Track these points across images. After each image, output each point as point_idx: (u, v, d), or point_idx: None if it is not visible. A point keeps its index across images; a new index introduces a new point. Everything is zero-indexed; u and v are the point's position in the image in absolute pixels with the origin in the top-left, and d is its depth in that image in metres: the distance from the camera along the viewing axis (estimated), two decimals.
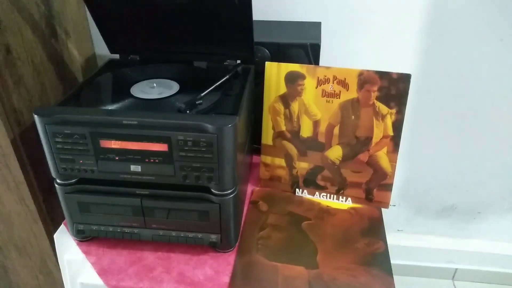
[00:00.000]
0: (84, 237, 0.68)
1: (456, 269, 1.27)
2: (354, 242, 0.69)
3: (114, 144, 0.56)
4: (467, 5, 0.86)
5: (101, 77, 0.71)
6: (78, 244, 0.68)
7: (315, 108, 0.73)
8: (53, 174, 0.61)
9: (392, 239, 1.14)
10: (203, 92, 0.62)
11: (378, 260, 0.66)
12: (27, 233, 0.80)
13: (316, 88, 0.72)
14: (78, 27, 0.89)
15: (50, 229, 0.79)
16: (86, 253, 0.66)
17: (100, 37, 0.74)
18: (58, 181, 0.62)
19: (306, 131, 0.75)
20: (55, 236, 0.69)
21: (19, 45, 0.70)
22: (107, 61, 0.79)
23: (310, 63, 0.78)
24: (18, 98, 0.70)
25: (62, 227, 0.71)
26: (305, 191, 0.80)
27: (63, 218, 0.67)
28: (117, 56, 0.78)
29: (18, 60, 0.70)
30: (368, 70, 0.69)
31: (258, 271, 0.64)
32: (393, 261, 0.66)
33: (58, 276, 0.86)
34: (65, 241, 0.68)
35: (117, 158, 0.57)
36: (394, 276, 0.63)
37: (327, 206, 0.78)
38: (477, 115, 1.00)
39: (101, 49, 0.96)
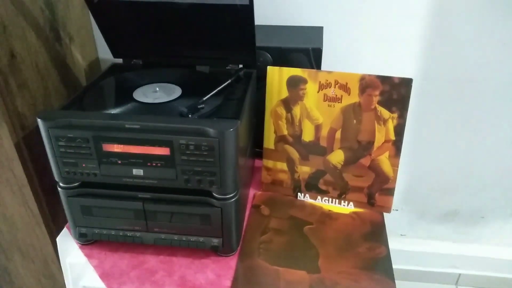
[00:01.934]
0: (86, 241, 0.68)
1: (460, 274, 1.26)
2: (356, 247, 0.69)
3: (117, 148, 0.57)
4: (469, 9, 0.86)
5: (104, 81, 0.72)
6: (80, 248, 0.68)
7: (317, 113, 0.74)
8: (56, 177, 0.61)
9: (395, 243, 1.15)
10: (205, 96, 0.62)
11: (380, 264, 0.66)
12: (30, 236, 0.80)
13: (318, 92, 0.72)
14: (82, 32, 0.90)
15: (53, 232, 0.80)
16: (89, 256, 0.66)
17: (104, 42, 0.74)
18: (61, 184, 0.62)
19: (308, 135, 0.75)
20: (57, 239, 0.70)
21: (24, 49, 0.70)
22: (110, 66, 0.79)
23: (312, 67, 0.78)
24: (22, 102, 0.71)
25: (65, 230, 0.71)
26: (307, 195, 0.80)
27: (66, 222, 0.67)
28: (120, 60, 0.79)
29: (22, 64, 0.70)
30: (369, 75, 0.69)
31: (259, 275, 0.64)
32: (395, 266, 0.66)
33: (60, 279, 0.87)
34: (67, 245, 0.69)
35: (119, 162, 0.58)
36: (397, 281, 0.63)
37: (329, 210, 0.78)
38: (480, 120, 1.00)
39: (105, 54, 0.97)
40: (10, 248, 0.83)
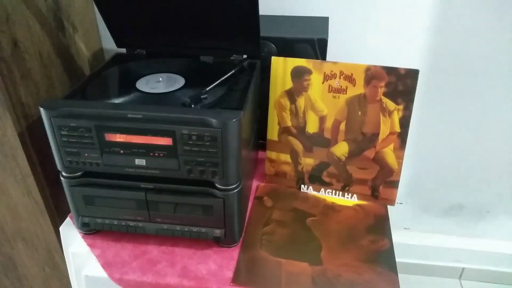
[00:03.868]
0: (89, 230, 0.68)
1: (463, 268, 1.26)
2: (359, 239, 0.69)
3: (119, 138, 0.57)
4: (477, 1, 0.84)
5: (107, 71, 0.71)
6: (83, 237, 0.68)
7: (321, 104, 0.73)
8: (59, 167, 0.61)
9: (399, 237, 1.14)
10: (209, 86, 0.62)
11: (383, 257, 0.65)
12: (34, 226, 0.81)
13: (323, 83, 0.72)
14: (86, 21, 0.90)
15: (57, 221, 0.80)
16: (91, 246, 0.67)
17: (108, 31, 0.74)
18: (63, 174, 0.62)
19: (312, 127, 0.75)
20: (61, 228, 0.70)
21: (27, 39, 0.70)
22: (114, 55, 0.79)
23: (317, 58, 0.77)
24: (26, 92, 0.70)
25: (68, 220, 0.71)
26: (310, 187, 0.79)
27: (69, 211, 0.67)
28: (123, 50, 0.79)
29: (25, 53, 0.70)
30: (375, 66, 0.68)
31: (261, 267, 0.63)
32: (399, 259, 0.65)
33: (64, 269, 0.87)
34: (70, 234, 0.69)
35: (122, 151, 0.58)
36: (400, 274, 0.63)
37: (332, 202, 0.77)
38: (486, 112, 0.99)
39: (108, 43, 0.96)
40: (14, 237, 0.83)
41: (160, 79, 0.67)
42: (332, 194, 0.78)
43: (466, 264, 1.25)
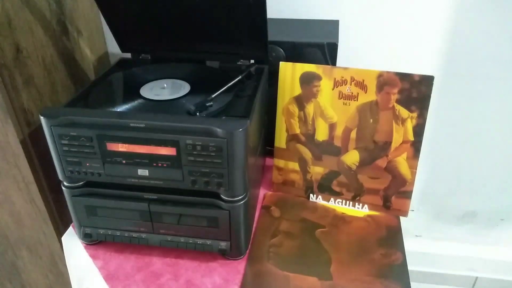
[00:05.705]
0: (91, 241, 0.66)
1: (477, 277, 1.23)
2: (371, 253, 0.66)
3: (121, 147, 0.55)
4: (493, 4, 0.81)
5: (111, 77, 0.70)
6: (85, 247, 0.67)
7: (331, 111, 0.70)
8: (60, 176, 0.59)
9: (410, 245, 1.11)
10: (214, 93, 0.60)
11: (396, 272, 0.63)
12: (37, 233, 0.79)
13: (333, 89, 0.69)
14: (91, 25, 0.88)
15: (60, 229, 0.79)
16: (94, 257, 0.65)
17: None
18: (65, 183, 0.61)
19: (321, 135, 0.72)
20: (63, 238, 0.69)
21: (30, 44, 0.69)
22: (118, 60, 0.78)
23: (327, 63, 0.75)
24: (28, 98, 0.69)
25: (70, 229, 0.70)
26: (319, 196, 0.77)
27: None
28: (128, 55, 0.77)
29: (28, 59, 0.69)
30: (388, 72, 0.66)
31: (268, 281, 0.61)
32: (411, 267, 0.63)
33: (68, 277, 0.86)
34: (73, 244, 0.68)
35: (124, 161, 0.56)
36: (412, 283, 0.61)
37: (343, 213, 0.75)
38: (501, 118, 0.96)
39: (115, 47, 0.95)
40: (18, 244, 0.82)
41: (165, 85, 0.65)
42: (342, 204, 0.76)
43: (480, 273, 1.22)
